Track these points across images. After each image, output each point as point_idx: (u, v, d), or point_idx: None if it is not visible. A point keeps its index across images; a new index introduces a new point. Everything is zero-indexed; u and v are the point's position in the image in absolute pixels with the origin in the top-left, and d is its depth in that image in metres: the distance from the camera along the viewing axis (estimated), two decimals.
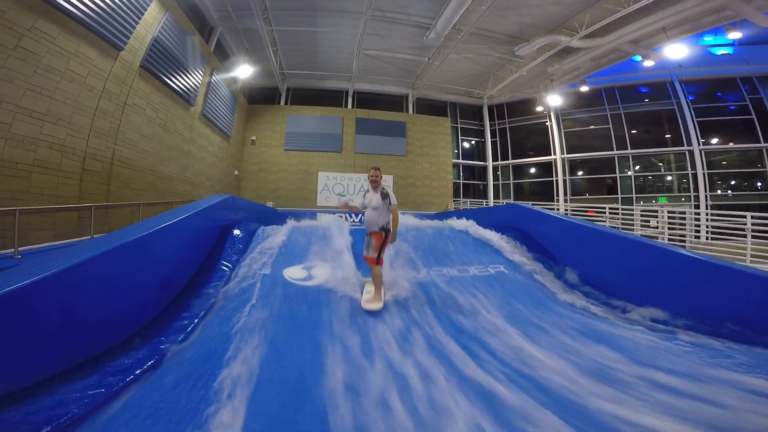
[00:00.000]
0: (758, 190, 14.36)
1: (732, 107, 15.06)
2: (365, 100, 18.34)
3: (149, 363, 2.91)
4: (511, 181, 19.34)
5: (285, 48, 14.63)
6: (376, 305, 3.90)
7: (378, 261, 4.17)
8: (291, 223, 7.05)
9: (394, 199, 4.28)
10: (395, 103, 18.71)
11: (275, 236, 6.03)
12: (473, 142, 19.90)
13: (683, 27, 11.16)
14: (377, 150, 17.51)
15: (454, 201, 18.13)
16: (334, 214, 15.86)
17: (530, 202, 13.76)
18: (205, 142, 12.41)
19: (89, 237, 6.41)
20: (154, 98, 9.13)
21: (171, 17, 9.36)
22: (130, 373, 2.76)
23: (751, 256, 6.41)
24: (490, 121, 19.78)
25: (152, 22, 8.64)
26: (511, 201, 18.67)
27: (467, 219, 7.84)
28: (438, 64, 14.59)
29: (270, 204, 15.96)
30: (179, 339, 3.35)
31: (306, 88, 18.00)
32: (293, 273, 5.01)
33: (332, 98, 18.16)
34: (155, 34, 8.73)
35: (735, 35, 10.59)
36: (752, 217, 6.78)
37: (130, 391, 2.58)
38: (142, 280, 3.63)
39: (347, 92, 18.16)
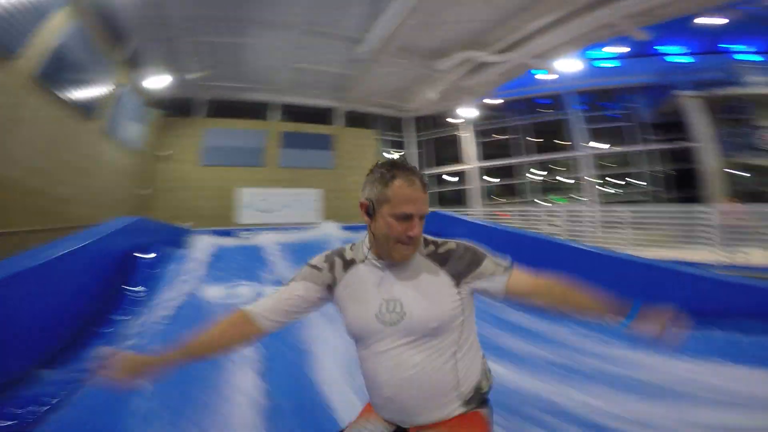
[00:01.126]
0: (635, 187, 17.04)
1: (613, 115, 17.70)
2: (292, 113, 17.68)
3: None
4: (435, 190, 20.25)
5: (207, 59, 13.53)
6: None
7: None
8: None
9: (504, 261, 2.10)
10: (323, 115, 18.38)
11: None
12: (400, 153, 20.45)
13: (578, 42, 12.71)
14: (304, 164, 17.08)
15: None
16: (259, 232, 14.95)
17: (452, 209, 14.70)
18: (108, 159, 10.84)
19: None
20: (49, 112, 7.73)
21: (78, 23, 8.12)
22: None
23: (632, 244, 7.57)
24: (415, 132, 20.62)
25: (56, 27, 7.38)
26: (436, 208, 19.51)
27: None
28: (367, 78, 14.74)
29: (188, 225, 14.39)
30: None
31: (228, 100, 16.72)
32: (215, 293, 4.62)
33: (256, 111, 17.18)
34: (58, 42, 7.48)
35: (618, 49, 12.38)
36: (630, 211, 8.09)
37: None
38: (40, 313, 3.16)
39: (272, 105, 17.34)
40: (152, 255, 5.25)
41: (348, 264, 1.26)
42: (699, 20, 13.48)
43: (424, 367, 1.12)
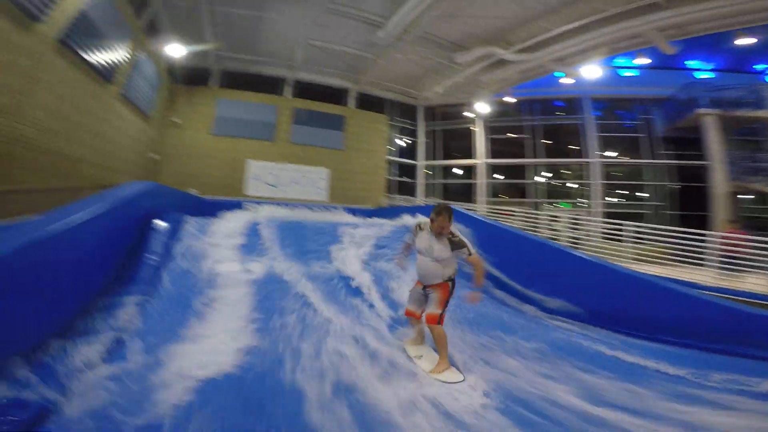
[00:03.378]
0: (639, 200, 16.98)
1: (627, 124, 17.55)
2: (305, 90, 17.57)
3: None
4: (440, 181, 20.29)
5: (225, 29, 13.45)
6: (457, 376, 3.11)
7: (441, 319, 3.29)
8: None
9: (472, 249, 3.34)
10: (336, 96, 18.26)
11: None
12: (408, 141, 20.39)
13: (602, 49, 12.60)
14: (315, 142, 17.05)
15: (386, 197, 18.44)
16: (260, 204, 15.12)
17: (456, 203, 14.76)
18: (122, 123, 10.91)
19: None
20: (68, 74, 7.82)
21: None
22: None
23: (632, 258, 7.71)
24: (425, 121, 20.45)
25: None
26: (439, 200, 19.61)
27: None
28: (383, 63, 14.61)
29: (193, 191, 14.60)
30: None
31: (242, 72, 16.65)
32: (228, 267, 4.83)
33: (269, 85, 17.08)
34: (82, 7, 7.52)
35: (643, 61, 12.25)
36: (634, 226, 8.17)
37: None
38: (55, 279, 3.21)
39: (286, 80, 17.24)
40: (165, 224, 5.39)
41: (421, 230, 3.53)
42: (730, 38, 13.15)
43: (432, 267, 3.41)
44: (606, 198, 17.12)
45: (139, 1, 10.87)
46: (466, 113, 19.30)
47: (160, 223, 5.32)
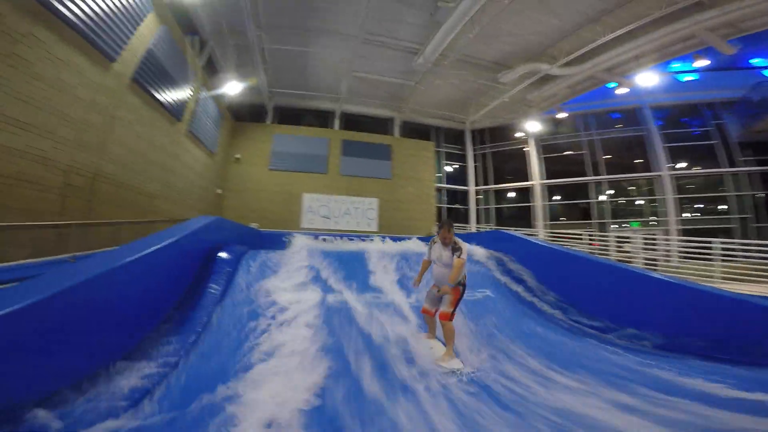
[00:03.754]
0: (719, 213, 15.18)
1: (696, 132, 16.09)
2: (351, 121, 18.49)
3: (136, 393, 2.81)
4: (493, 206, 19.71)
5: (275, 66, 14.73)
6: (457, 364, 3.65)
7: (452, 316, 3.93)
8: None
9: (464, 254, 3.95)
10: (381, 125, 18.96)
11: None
12: (456, 166, 20.31)
13: (654, 55, 11.96)
14: (363, 173, 17.55)
15: (436, 225, 18.22)
16: (317, 237, 15.65)
17: (512, 228, 14.20)
18: (190, 159, 12.09)
19: (69, 255, 6.03)
20: (142, 112, 8.85)
21: (166, 30, 9.24)
22: (117, 400, 2.67)
23: (721, 278, 6.76)
24: (472, 145, 20.32)
25: (147, 34, 8.47)
26: (493, 226, 19.01)
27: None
28: (424, 89, 15.01)
29: (254, 225, 15.57)
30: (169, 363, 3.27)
31: (293, 108, 18.03)
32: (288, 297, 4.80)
33: (319, 118, 18.24)
34: (149, 46, 8.53)
35: (702, 63, 11.36)
36: (722, 242, 7.21)
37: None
38: (128, 305, 3.51)
39: (334, 113, 18.26)
40: (226, 254, 5.64)
41: (435, 243, 4.19)
42: None
43: (443, 272, 4.05)
44: (682, 213, 15.51)
45: (197, 42, 12.28)
46: (516, 133, 18.91)
47: (223, 255, 5.62)
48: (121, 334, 3.35)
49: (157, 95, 9.32)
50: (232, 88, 13.75)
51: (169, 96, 9.99)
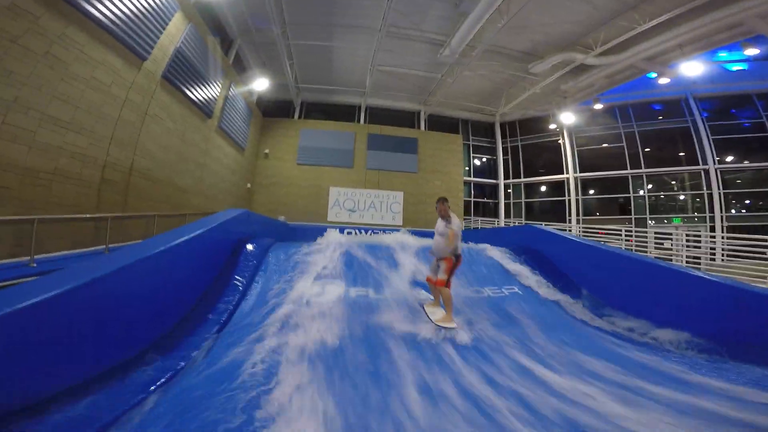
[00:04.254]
0: None
1: (747, 124, 14.93)
2: (377, 115, 18.47)
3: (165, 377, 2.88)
4: (523, 200, 19.14)
5: (300, 61, 14.88)
6: (451, 324, 4.08)
7: (447, 283, 4.34)
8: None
9: (454, 222, 4.38)
10: (407, 119, 18.81)
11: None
12: (484, 159, 19.85)
13: (698, 44, 11.15)
14: (389, 166, 17.49)
15: (465, 219, 17.93)
16: (342, 231, 15.74)
17: (542, 223, 13.72)
18: (220, 154, 12.45)
19: (104, 247, 6.35)
20: (174, 109, 9.17)
21: (194, 29, 9.48)
22: (148, 385, 2.73)
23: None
24: (502, 138, 19.77)
25: (175, 32, 8.74)
26: (522, 220, 18.49)
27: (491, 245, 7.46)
28: (451, 81, 14.69)
29: (282, 218, 15.90)
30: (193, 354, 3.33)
31: (319, 102, 18.24)
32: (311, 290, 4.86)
33: (345, 113, 18.33)
34: (178, 44, 8.81)
35: (752, 51, 10.50)
36: None
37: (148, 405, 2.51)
38: (159, 293, 3.63)
39: (360, 107, 18.31)
40: (252, 246, 5.73)
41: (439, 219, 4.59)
42: None
43: (439, 240, 4.43)
44: (729, 210, 14.52)
45: (225, 40, 12.55)
46: (550, 125, 18.21)
47: (250, 247, 5.72)
48: (148, 325, 3.42)
49: (187, 92, 9.61)
50: (260, 84, 14.00)
51: (199, 93, 10.28)
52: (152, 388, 2.72)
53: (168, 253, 3.72)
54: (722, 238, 11.58)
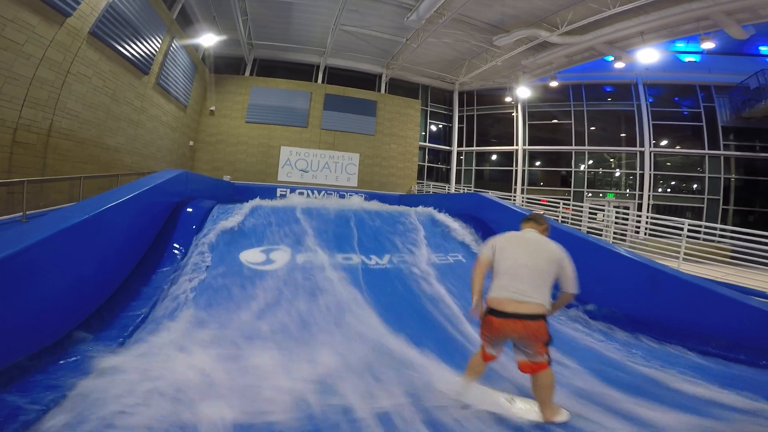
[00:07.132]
0: (693, 192, 15.67)
1: (685, 113, 16.04)
2: (337, 75, 17.41)
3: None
4: (474, 168, 19.56)
5: (256, 17, 13.47)
6: (563, 414, 2.47)
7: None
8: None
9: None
10: (368, 81, 17.96)
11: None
12: (441, 126, 19.75)
13: (661, 32, 11.45)
14: (346, 128, 16.83)
15: (417, 183, 18.09)
16: (294, 191, 15.35)
17: (489, 191, 14.18)
18: (158, 112, 11.22)
19: (21, 214, 5.55)
20: (102, 66, 8.04)
21: None
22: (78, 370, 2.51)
23: (684, 255, 6.91)
24: (459, 107, 19.64)
25: None
26: (472, 187, 19.02)
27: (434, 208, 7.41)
28: (415, 47, 14.05)
29: (226, 177, 15.01)
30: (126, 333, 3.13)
31: (274, 60, 16.78)
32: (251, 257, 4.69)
33: (301, 72, 17.08)
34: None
35: (708, 45, 10.92)
36: (689, 223, 7.25)
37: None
38: (87, 267, 3.29)
39: (318, 67, 17.12)
40: (191, 209, 5.41)
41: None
42: None
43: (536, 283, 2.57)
44: (658, 189, 15.93)
45: None
46: (506, 98, 18.32)
47: (189, 210, 5.39)
48: (77, 301, 3.13)
49: (120, 48, 8.47)
50: (208, 40, 12.51)
51: (134, 49, 9.10)
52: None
53: (95, 221, 3.30)
54: (647, 217, 12.72)
